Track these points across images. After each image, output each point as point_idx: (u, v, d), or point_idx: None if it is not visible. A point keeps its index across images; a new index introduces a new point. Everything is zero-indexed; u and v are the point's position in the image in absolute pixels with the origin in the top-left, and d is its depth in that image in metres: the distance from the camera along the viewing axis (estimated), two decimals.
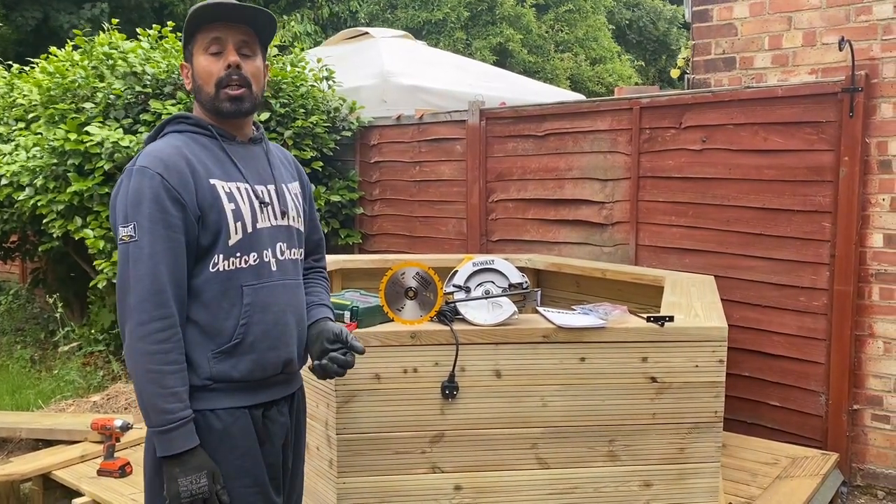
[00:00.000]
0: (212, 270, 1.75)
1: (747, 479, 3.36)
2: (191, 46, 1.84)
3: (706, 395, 2.56)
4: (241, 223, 1.77)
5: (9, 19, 11.93)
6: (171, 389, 1.65)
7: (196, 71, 1.82)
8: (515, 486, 2.52)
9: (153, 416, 1.65)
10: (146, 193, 1.68)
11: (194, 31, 1.82)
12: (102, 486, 3.35)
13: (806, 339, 3.82)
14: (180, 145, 1.76)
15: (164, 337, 1.66)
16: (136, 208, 1.68)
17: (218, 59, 1.80)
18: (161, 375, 1.65)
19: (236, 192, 1.79)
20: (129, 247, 1.68)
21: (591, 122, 4.53)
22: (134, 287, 1.66)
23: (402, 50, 7.22)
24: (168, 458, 1.67)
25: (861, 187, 3.66)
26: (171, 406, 1.65)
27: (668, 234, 4.25)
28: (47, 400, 5.02)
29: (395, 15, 12.29)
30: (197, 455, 1.68)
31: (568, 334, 2.49)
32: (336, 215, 5.76)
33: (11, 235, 6.53)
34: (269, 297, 1.81)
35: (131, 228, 1.68)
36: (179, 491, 1.65)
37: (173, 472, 1.66)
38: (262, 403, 1.84)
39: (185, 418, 1.67)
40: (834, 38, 3.86)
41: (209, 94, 1.80)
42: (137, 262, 1.67)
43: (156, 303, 1.65)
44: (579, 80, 15.24)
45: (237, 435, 1.77)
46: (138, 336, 1.65)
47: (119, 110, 5.02)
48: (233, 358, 1.76)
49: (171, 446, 1.65)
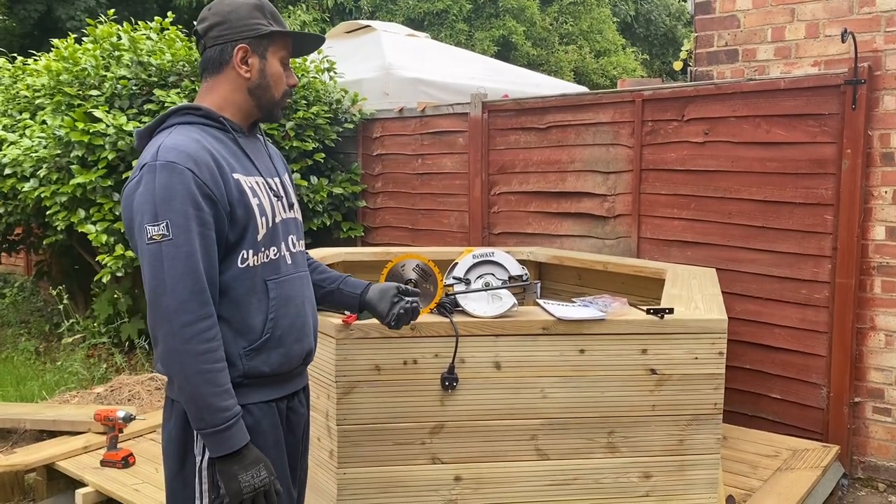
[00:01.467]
0: (241, 266, 1.73)
1: (748, 472, 3.37)
2: (267, 43, 1.83)
3: (706, 387, 2.56)
4: (265, 218, 1.77)
5: (13, 12, 11.94)
6: (224, 387, 1.64)
7: (270, 73, 1.83)
8: (515, 477, 2.53)
9: (210, 415, 1.62)
10: (178, 189, 1.62)
11: (279, 37, 1.84)
12: (106, 477, 3.37)
13: (807, 332, 3.81)
14: (199, 139, 1.71)
15: (212, 335, 1.63)
16: (167, 205, 1.61)
17: (285, 70, 1.87)
18: (214, 374, 1.62)
19: (256, 187, 1.78)
20: (161, 246, 1.61)
21: (593, 114, 4.52)
22: (173, 287, 1.60)
23: (403, 42, 7.21)
24: (226, 458, 1.64)
25: (863, 180, 3.65)
26: (228, 403, 1.63)
27: (670, 227, 4.24)
28: (51, 391, 5.04)
29: (398, 5, 12.26)
30: (252, 449, 1.67)
31: (567, 326, 2.49)
32: (338, 208, 5.77)
33: (16, 228, 6.56)
34: (290, 290, 1.83)
35: (164, 227, 1.61)
36: (241, 487, 1.63)
37: (232, 470, 1.63)
38: (286, 396, 1.87)
39: (238, 414, 1.66)
40: (837, 29, 3.85)
41: (273, 98, 1.85)
42: (174, 262, 1.61)
43: (200, 301, 1.62)
44: (583, 72, 15.19)
45: (268, 429, 1.78)
46: (186, 337, 1.60)
47: (124, 100, 5.03)
48: (264, 353, 1.76)
49: (230, 443, 1.63)
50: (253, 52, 1.80)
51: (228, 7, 1.80)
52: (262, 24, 1.80)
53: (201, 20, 1.83)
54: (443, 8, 12.24)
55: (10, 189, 5.44)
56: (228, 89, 1.81)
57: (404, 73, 6.22)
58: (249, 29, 1.79)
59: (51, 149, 5.00)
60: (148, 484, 3.29)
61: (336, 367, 2.42)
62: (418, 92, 6.08)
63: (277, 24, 1.85)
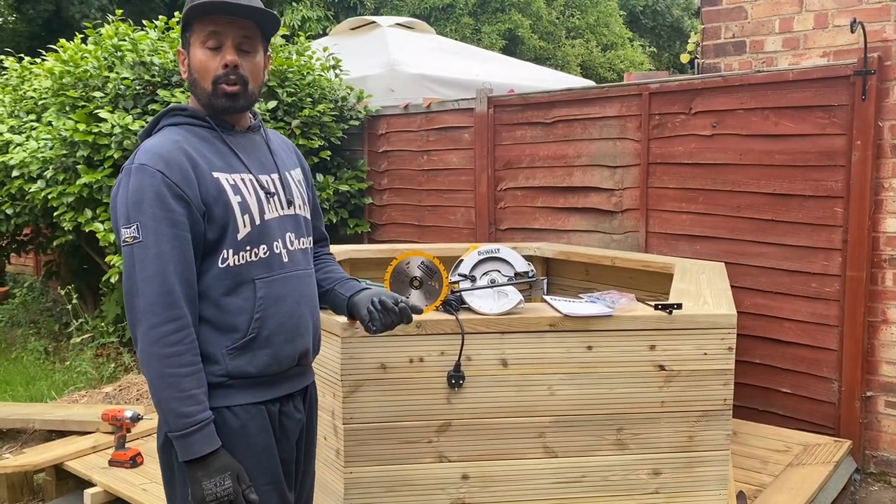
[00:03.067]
0: (221, 266, 1.70)
1: (758, 467, 3.34)
2: (188, 34, 1.76)
3: (715, 382, 2.54)
4: (248, 216, 1.73)
5: (20, 12, 11.96)
6: (187, 392, 1.61)
7: (193, 64, 1.76)
8: (523, 475, 2.51)
9: (172, 420, 1.61)
10: (147, 192, 1.62)
11: (192, 20, 1.74)
12: (114, 477, 3.38)
13: (818, 326, 3.78)
14: (179, 139, 1.71)
15: (177, 339, 1.61)
16: (137, 208, 1.62)
17: (216, 54, 1.73)
18: (177, 379, 1.60)
19: (241, 184, 1.74)
20: (133, 248, 1.62)
21: (599, 108, 4.49)
22: (142, 290, 1.61)
23: (408, 39, 7.19)
24: (190, 462, 1.62)
25: (874, 171, 3.60)
26: (190, 409, 1.61)
27: (678, 221, 4.21)
28: (60, 391, 5.06)
29: (403, 1, 12.22)
30: (219, 457, 1.64)
31: (575, 323, 2.47)
32: (345, 205, 5.75)
33: (24, 228, 6.58)
34: (283, 289, 1.79)
35: (134, 229, 1.62)
36: (204, 495, 1.61)
37: (196, 476, 1.62)
38: (277, 398, 1.82)
39: (204, 420, 1.63)
40: (846, 19, 3.80)
41: (205, 90, 1.75)
42: (144, 263, 1.61)
43: (165, 304, 1.60)
44: (590, 66, 15.12)
45: (254, 432, 1.74)
46: (151, 340, 1.60)
47: (128, 100, 5.03)
48: (248, 353, 1.72)
49: (192, 450, 1.61)
50: (183, 50, 1.79)
51: None
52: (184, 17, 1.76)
53: None
54: (448, 2, 12.19)
55: (17, 190, 5.46)
56: (190, 94, 1.83)
57: (409, 69, 6.21)
58: (181, 29, 1.79)
59: (57, 149, 5.00)
60: (156, 483, 3.29)
61: (342, 366, 2.40)
62: (423, 88, 6.06)
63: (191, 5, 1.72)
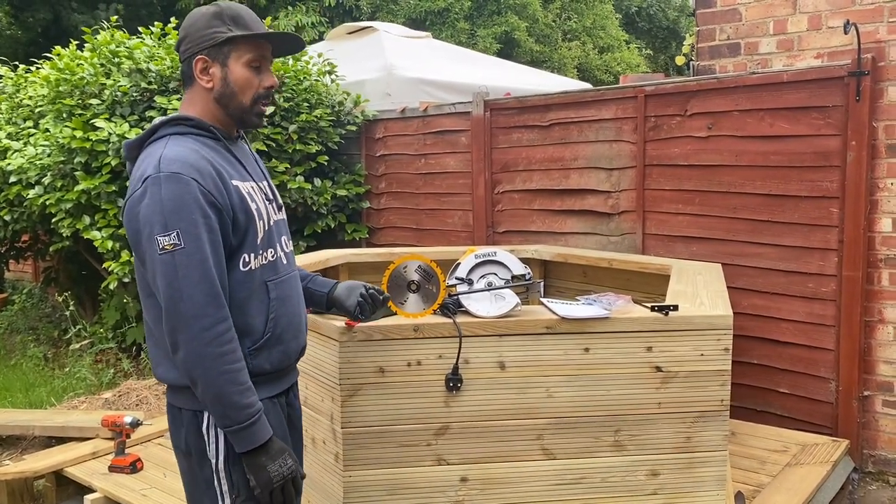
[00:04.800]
0: (243, 269, 1.78)
1: (756, 467, 3.35)
2: (228, 50, 1.80)
3: (712, 383, 2.55)
4: (262, 221, 1.83)
5: (18, 20, 11.96)
6: (246, 385, 1.70)
7: (234, 78, 1.81)
8: (521, 477, 2.52)
9: (235, 413, 1.68)
10: (186, 199, 1.66)
11: (240, 40, 1.80)
12: (114, 482, 3.38)
13: (815, 326, 3.79)
14: (197, 149, 1.75)
15: (230, 337, 1.69)
16: (177, 215, 1.65)
17: (257, 74, 1.83)
18: (235, 374, 1.69)
19: (252, 192, 1.83)
20: (174, 255, 1.65)
21: (595, 110, 4.50)
22: (189, 294, 1.65)
23: (404, 43, 7.20)
24: (253, 451, 1.71)
25: (869, 172, 3.62)
26: (250, 400, 1.70)
27: (675, 223, 4.22)
28: (60, 397, 5.06)
29: (399, 5, 12.23)
30: (276, 440, 1.75)
31: (572, 325, 2.48)
32: (343, 209, 5.76)
33: (23, 235, 6.58)
34: (287, 290, 1.90)
35: (174, 236, 1.65)
36: (271, 477, 1.71)
37: (260, 462, 1.71)
38: (284, 391, 1.93)
39: (261, 409, 1.73)
40: (839, 21, 3.81)
41: (244, 105, 1.83)
42: (188, 269, 1.65)
43: (216, 305, 1.67)
44: (587, 68, 15.13)
45: (275, 423, 1.83)
46: (206, 341, 1.65)
47: (125, 107, 5.04)
48: (265, 351, 1.82)
49: (256, 437, 1.70)
50: (213, 60, 1.81)
51: (190, 20, 1.84)
52: (220, 32, 1.79)
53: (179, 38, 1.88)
54: (444, 6, 12.21)
55: (15, 196, 5.46)
56: (200, 101, 1.84)
57: (406, 73, 6.22)
58: (207, 39, 1.80)
59: (54, 156, 5.01)
60: (156, 489, 3.30)
61: (340, 370, 2.41)
62: (420, 92, 6.07)
63: (239, 28, 1.81)
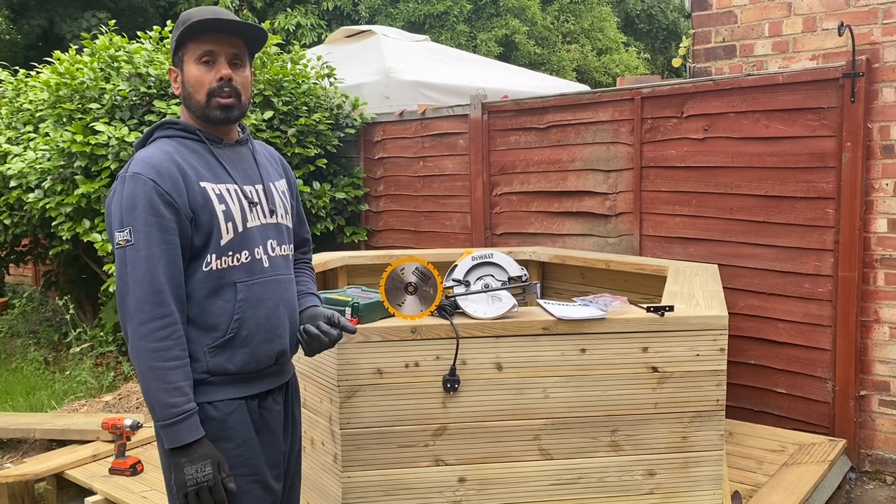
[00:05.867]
0: (205, 269, 1.82)
1: (754, 467, 3.37)
2: (181, 53, 1.88)
3: (708, 383, 2.56)
4: (231, 223, 1.85)
5: (17, 25, 11.99)
6: (173, 384, 1.72)
7: (187, 79, 1.87)
8: (519, 477, 2.54)
9: (158, 410, 1.72)
10: (140, 198, 1.74)
11: (186, 40, 1.86)
12: (114, 485, 3.40)
13: (811, 326, 3.81)
14: (171, 150, 1.83)
15: (165, 335, 1.72)
16: (130, 213, 1.74)
17: (209, 69, 1.86)
18: (163, 371, 1.71)
19: (226, 194, 1.86)
20: (125, 251, 1.74)
21: (592, 113, 4.53)
22: (133, 289, 1.73)
23: (403, 46, 7.22)
24: (174, 450, 1.73)
25: (864, 172, 3.64)
26: (175, 400, 1.71)
27: (672, 224, 4.24)
28: (60, 401, 5.08)
29: (398, 9, 12.25)
30: (202, 445, 1.75)
31: (568, 326, 2.50)
32: (341, 212, 5.78)
33: (23, 239, 6.60)
34: (262, 293, 1.89)
35: (127, 233, 1.74)
36: (185, 479, 1.72)
37: (179, 462, 1.73)
38: (257, 394, 1.92)
39: (188, 411, 1.73)
40: (834, 23, 3.84)
41: (200, 103, 1.87)
42: (135, 265, 1.73)
43: (154, 302, 1.72)
44: (586, 71, 15.16)
45: (234, 425, 1.85)
46: (140, 335, 1.72)
47: (125, 111, 5.06)
48: (228, 351, 1.83)
49: (176, 438, 1.72)
50: (176, 67, 1.90)
51: None
52: (176, 39, 1.87)
53: None
54: (443, 10, 12.23)
55: (15, 200, 5.48)
56: (183, 109, 1.93)
57: (404, 76, 6.24)
58: (172, 49, 1.90)
59: (54, 160, 5.03)
60: (156, 491, 3.31)
61: (338, 372, 2.43)
62: (418, 94, 6.09)
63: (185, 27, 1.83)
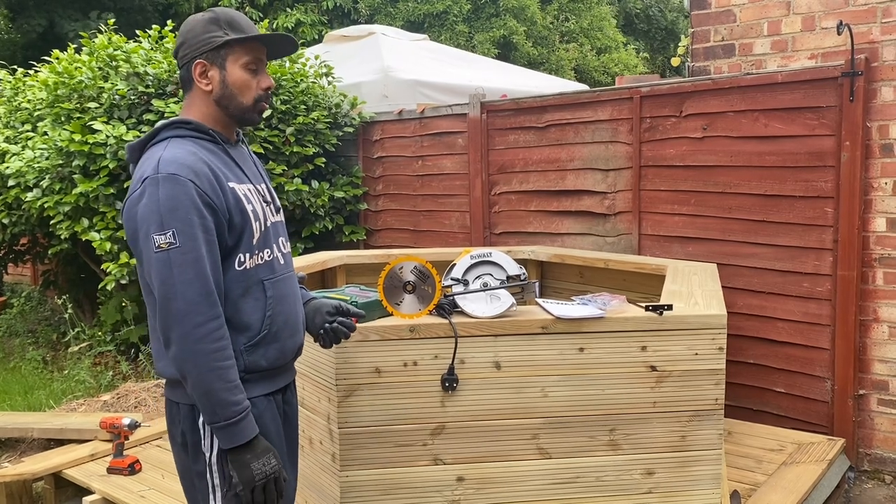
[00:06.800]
0: (238, 269, 1.83)
1: (753, 466, 3.36)
2: (225, 53, 1.86)
3: (706, 382, 2.56)
4: (258, 222, 1.88)
5: (15, 24, 11.97)
6: (234, 382, 1.74)
7: (232, 80, 1.87)
8: (517, 476, 2.54)
9: (222, 410, 1.71)
10: (182, 200, 1.72)
11: (236, 43, 1.86)
12: (112, 484, 3.39)
13: (810, 325, 3.81)
14: (195, 151, 1.81)
15: (221, 335, 1.73)
16: (173, 214, 1.71)
17: (254, 76, 1.89)
18: (225, 371, 1.72)
19: (249, 194, 1.89)
20: (170, 253, 1.70)
21: (591, 112, 4.52)
22: (182, 292, 1.69)
23: (402, 45, 7.22)
24: (238, 448, 1.74)
25: (863, 171, 3.64)
26: (238, 397, 1.73)
27: (671, 223, 4.24)
28: (59, 400, 5.07)
29: (397, 8, 12.25)
30: (262, 440, 1.78)
31: (566, 325, 2.50)
32: (340, 211, 5.78)
33: (21, 238, 6.59)
34: (284, 289, 1.94)
35: (170, 235, 1.70)
36: (254, 475, 1.73)
37: (244, 459, 1.74)
38: (280, 388, 1.97)
39: (248, 407, 1.76)
40: (833, 22, 3.84)
41: (244, 105, 1.89)
42: (183, 268, 1.70)
43: (209, 303, 1.72)
44: (585, 70, 15.15)
45: (269, 421, 1.88)
46: (197, 337, 1.70)
47: (123, 110, 5.06)
48: (262, 348, 1.86)
49: (242, 435, 1.73)
50: (211, 64, 1.88)
51: (187, 27, 1.90)
52: (217, 36, 1.86)
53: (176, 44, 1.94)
54: (442, 9, 12.23)
55: (14, 199, 5.48)
56: (200, 104, 1.90)
57: (403, 75, 6.23)
58: (204, 43, 1.87)
59: (53, 159, 5.03)
60: (154, 490, 3.31)
61: (336, 371, 2.42)
62: (417, 94, 6.09)
63: (235, 32, 1.88)
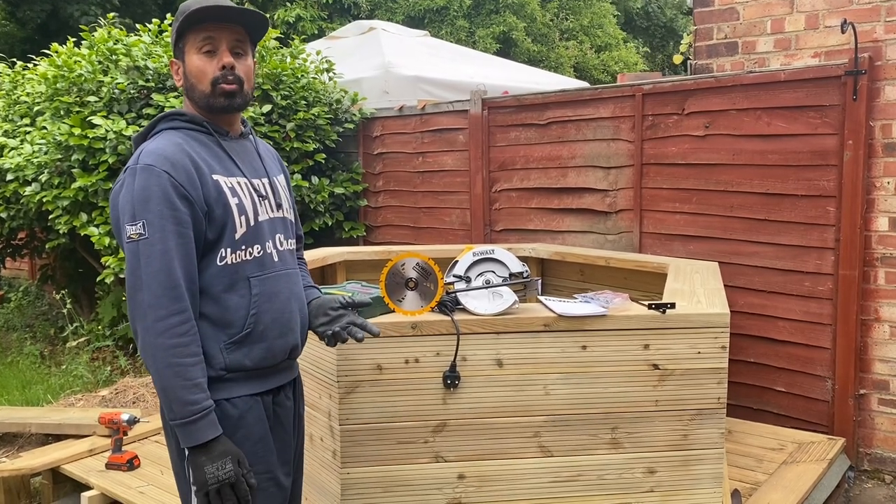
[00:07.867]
0: (219, 264, 1.78)
1: (753, 465, 3.36)
2: (182, 44, 1.85)
3: (709, 381, 2.55)
4: (244, 217, 1.83)
5: (15, 16, 11.91)
6: (193, 381, 1.68)
7: (189, 69, 1.84)
8: (518, 474, 2.53)
9: (178, 408, 1.68)
10: (154, 191, 1.70)
11: (185, 30, 1.83)
12: (111, 480, 3.38)
13: (811, 325, 3.80)
14: (181, 142, 1.79)
15: (183, 330, 1.69)
16: (144, 206, 1.69)
17: (211, 58, 1.82)
18: (183, 368, 1.68)
19: (237, 187, 1.84)
20: (139, 244, 1.69)
21: (593, 109, 4.51)
22: (148, 284, 1.67)
23: (403, 41, 7.20)
24: (193, 448, 1.70)
25: (865, 171, 3.63)
26: (196, 397, 1.68)
27: (672, 221, 4.23)
28: (56, 395, 5.06)
29: (398, 3, 12.23)
30: (221, 442, 1.72)
31: (569, 323, 2.49)
32: (340, 207, 5.76)
33: (19, 232, 6.57)
34: (275, 287, 1.88)
35: (140, 226, 1.69)
36: (206, 478, 1.68)
37: (199, 461, 1.69)
38: (271, 390, 1.91)
39: (208, 408, 1.70)
40: (836, 20, 3.83)
41: (204, 92, 1.84)
42: (149, 259, 1.68)
43: (172, 297, 1.68)
44: (584, 68, 15.13)
45: (252, 422, 1.83)
46: (158, 331, 1.67)
47: (123, 104, 5.03)
48: (245, 347, 1.81)
49: (197, 436, 1.68)
50: (177, 59, 1.88)
51: None
52: (176, 31, 1.85)
53: None
54: (443, 4, 12.20)
55: (12, 193, 5.46)
56: (186, 100, 1.90)
57: (404, 71, 6.22)
58: (172, 42, 1.88)
59: (51, 153, 5.00)
60: (153, 486, 3.29)
61: (338, 367, 2.41)
62: (418, 90, 6.07)
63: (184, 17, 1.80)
